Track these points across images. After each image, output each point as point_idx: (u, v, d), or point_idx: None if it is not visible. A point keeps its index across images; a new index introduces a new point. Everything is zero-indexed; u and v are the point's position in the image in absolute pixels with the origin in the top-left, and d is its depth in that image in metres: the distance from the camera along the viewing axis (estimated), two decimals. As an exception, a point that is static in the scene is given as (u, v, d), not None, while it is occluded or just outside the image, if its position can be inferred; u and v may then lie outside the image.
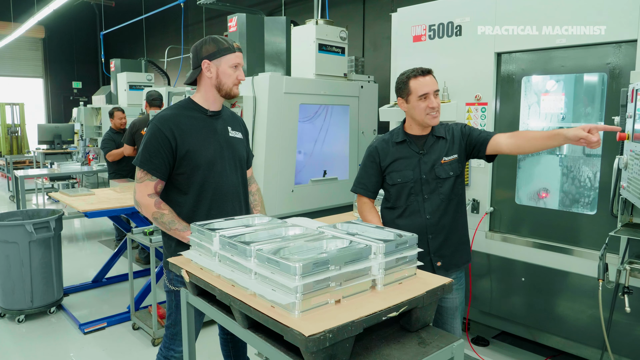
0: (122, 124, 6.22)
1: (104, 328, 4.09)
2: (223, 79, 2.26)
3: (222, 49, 2.23)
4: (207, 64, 2.24)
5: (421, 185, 2.51)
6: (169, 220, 2.20)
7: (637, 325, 2.87)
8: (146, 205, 2.21)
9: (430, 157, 2.52)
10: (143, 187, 2.21)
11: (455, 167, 2.51)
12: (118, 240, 6.45)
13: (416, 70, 2.48)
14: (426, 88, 2.44)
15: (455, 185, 2.53)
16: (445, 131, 2.57)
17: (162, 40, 13.02)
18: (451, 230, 2.55)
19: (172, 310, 2.39)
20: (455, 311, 2.58)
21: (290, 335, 1.36)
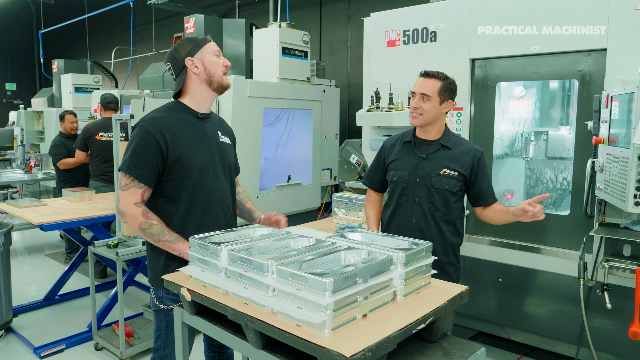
0: (74, 128, 5.84)
1: (62, 350, 3.78)
2: (212, 69, 2.14)
3: (199, 41, 2.15)
4: (191, 61, 2.11)
5: (414, 188, 2.52)
6: (158, 231, 2.03)
7: (612, 320, 2.99)
8: (132, 215, 2.03)
9: (430, 163, 2.51)
10: (129, 195, 2.03)
11: (452, 184, 2.47)
12: (69, 253, 6.04)
13: (425, 70, 2.53)
14: (415, 87, 2.51)
15: (448, 201, 2.49)
16: (453, 143, 2.53)
17: (108, 41, 12.42)
18: (436, 245, 2.42)
19: (161, 332, 2.22)
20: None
21: (327, 356, 1.28)
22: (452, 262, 2.56)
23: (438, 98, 2.45)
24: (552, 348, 3.38)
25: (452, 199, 2.49)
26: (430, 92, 2.44)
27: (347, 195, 3.48)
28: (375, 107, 3.76)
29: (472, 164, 2.48)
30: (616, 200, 2.53)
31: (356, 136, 5.14)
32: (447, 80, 2.49)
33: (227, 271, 1.67)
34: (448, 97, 2.49)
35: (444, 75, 2.50)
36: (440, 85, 2.45)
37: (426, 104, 2.45)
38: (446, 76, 2.50)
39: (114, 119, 3.67)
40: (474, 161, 2.48)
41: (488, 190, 2.52)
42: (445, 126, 2.59)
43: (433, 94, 2.44)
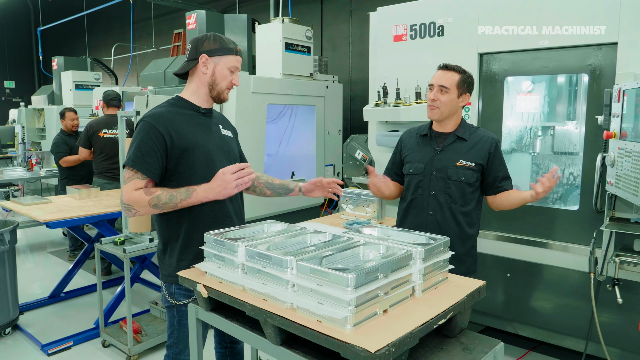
0: (75, 125, 5.81)
1: (70, 347, 3.77)
2: (218, 79, 2.11)
3: (225, 47, 2.09)
4: (205, 59, 2.08)
5: (430, 180, 2.53)
6: (168, 197, 1.96)
7: (621, 315, 2.99)
8: (136, 200, 1.96)
9: (446, 155, 2.51)
10: (130, 186, 1.98)
11: (469, 175, 2.48)
12: (72, 250, 6.02)
13: (444, 63, 2.54)
14: (433, 79, 2.51)
15: (465, 193, 2.49)
16: (470, 134, 2.54)
17: (107, 38, 12.37)
18: (453, 235, 2.42)
19: (174, 328, 2.20)
20: None
21: (351, 352, 1.27)
22: (470, 253, 2.57)
23: (456, 91, 2.46)
24: (559, 343, 3.38)
25: (468, 190, 2.49)
26: (449, 84, 2.44)
27: (354, 191, 3.47)
28: (382, 102, 3.74)
29: (489, 152, 2.49)
30: (628, 194, 2.52)
31: (358, 132, 5.13)
32: (465, 73, 2.49)
33: (244, 267, 1.66)
34: (466, 91, 2.49)
35: (463, 69, 2.50)
36: (459, 78, 2.45)
37: (444, 96, 2.46)
38: (464, 70, 2.50)
39: (120, 116, 3.65)
40: (490, 149, 2.49)
41: (501, 177, 2.51)
42: (461, 119, 2.59)
43: (451, 86, 2.44)
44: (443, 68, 2.50)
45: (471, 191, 2.51)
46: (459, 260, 2.44)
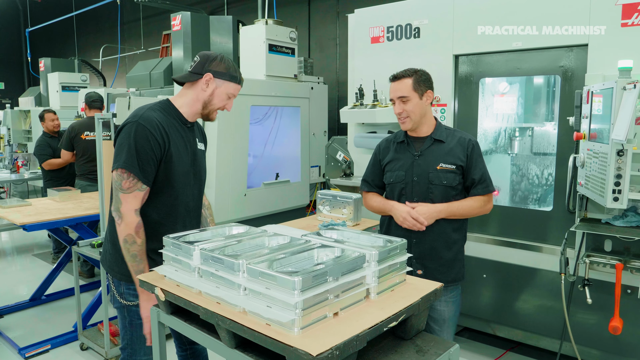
0: (55, 125, 5.78)
1: (47, 351, 3.76)
2: (214, 101, 2.13)
3: (231, 75, 2.13)
4: (209, 77, 2.09)
5: (412, 187, 2.47)
6: (133, 253, 1.98)
7: (594, 315, 3.01)
8: (128, 223, 1.97)
9: (425, 159, 2.46)
10: (132, 199, 1.97)
11: (451, 178, 2.41)
12: (56, 253, 6.00)
13: (392, 74, 2.47)
14: (390, 94, 2.47)
15: (448, 196, 2.42)
16: (447, 135, 2.48)
17: (96, 39, 12.31)
18: (438, 242, 2.45)
19: (126, 329, 2.19)
20: (443, 324, 2.51)
21: (294, 355, 1.27)
22: (458, 258, 2.51)
23: (416, 94, 2.40)
24: (536, 343, 3.39)
25: (452, 193, 2.43)
26: (406, 91, 2.39)
27: (331, 192, 3.47)
28: (359, 104, 3.75)
29: (466, 154, 2.44)
30: (596, 195, 2.54)
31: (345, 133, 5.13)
32: (416, 73, 2.42)
33: (199, 270, 1.66)
34: (425, 88, 2.43)
35: (412, 70, 2.43)
36: (412, 81, 2.39)
37: (408, 105, 2.41)
38: (414, 70, 2.43)
39: (97, 118, 3.63)
40: (467, 151, 2.44)
41: (477, 180, 2.43)
42: (435, 120, 2.54)
43: (409, 92, 2.39)
44: (393, 80, 2.46)
45: (454, 194, 2.44)
46: (447, 265, 2.48)
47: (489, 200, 2.47)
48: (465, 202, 2.43)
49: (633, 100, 2.17)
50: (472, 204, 2.43)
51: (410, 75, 2.41)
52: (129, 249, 1.99)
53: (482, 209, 2.46)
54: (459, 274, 2.54)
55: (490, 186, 2.45)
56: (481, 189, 2.43)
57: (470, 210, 2.43)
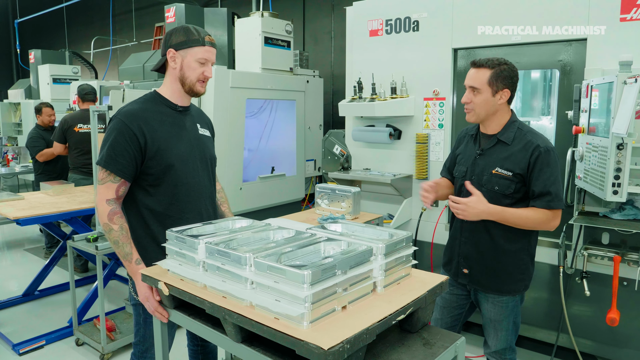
0: (51, 120, 5.72)
1: (42, 347, 3.72)
2: (186, 72, 2.07)
3: (191, 39, 2.04)
4: (172, 53, 2.05)
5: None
6: (114, 239, 1.98)
7: (590, 307, 3.03)
8: (100, 212, 2.00)
9: (485, 159, 2.29)
10: (104, 189, 1.99)
11: (504, 185, 2.21)
12: (49, 248, 5.93)
13: (473, 60, 2.29)
14: (465, 80, 2.28)
15: (502, 204, 2.20)
16: (515, 137, 2.24)
17: (87, 31, 12.15)
18: (485, 247, 2.31)
19: (140, 326, 2.18)
20: (489, 323, 2.41)
21: (305, 349, 1.27)
22: (509, 271, 2.29)
23: (489, 89, 2.19)
24: (533, 335, 3.42)
25: (505, 202, 2.21)
26: (479, 84, 2.20)
27: (330, 186, 3.46)
28: (357, 97, 3.74)
29: (528, 161, 2.17)
30: (595, 189, 2.55)
31: (340, 127, 5.13)
32: (499, 67, 2.19)
33: (205, 264, 1.65)
34: (502, 86, 2.20)
35: (496, 61, 2.20)
36: (490, 75, 2.18)
37: (477, 97, 2.22)
38: (498, 62, 2.20)
39: (92, 111, 3.59)
40: (531, 158, 2.16)
41: (537, 192, 2.16)
42: (510, 118, 2.29)
43: (482, 85, 2.19)
44: (473, 65, 2.25)
45: (508, 203, 2.21)
46: (491, 274, 2.31)
47: (553, 217, 2.18)
48: (524, 212, 2.18)
49: (634, 94, 2.17)
50: (530, 215, 2.17)
51: (491, 66, 2.19)
52: (109, 237, 2.00)
53: (542, 225, 2.19)
54: (507, 287, 2.31)
55: (555, 202, 2.15)
56: (539, 203, 2.16)
57: (527, 221, 2.17)
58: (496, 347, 2.42)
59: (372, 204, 3.90)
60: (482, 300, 2.41)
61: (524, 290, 2.34)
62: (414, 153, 3.61)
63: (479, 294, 2.41)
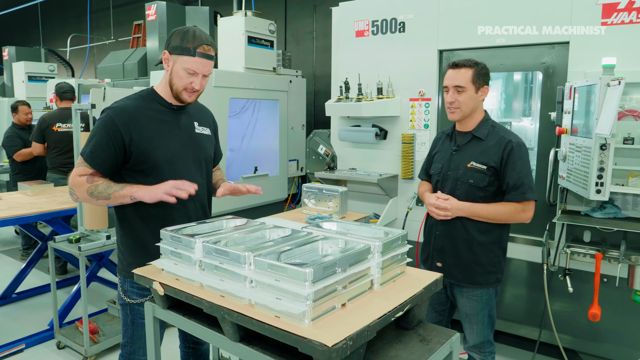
0: (28, 119, 5.58)
1: (22, 350, 3.62)
2: (174, 79, 2.01)
3: (183, 47, 1.95)
4: (166, 55, 2.01)
5: (445, 181, 2.45)
6: (104, 187, 1.92)
7: (572, 303, 3.11)
8: (78, 184, 1.93)
9: (460, 155, 2.41)
10: (76, 171, 1.97)
11: (479, 178, 2.32)
12: (25, 249, 5.78)
13: (453, 61, 2.40)
14: (446, 81, 2.38)
15: (474, 196, 2.33)
16: (489, 133, 2.37)
17: (63, 28, 11.87)
18: (458, 240, 2.39)
19: (127, 326, 2.15)
20: (465, 318, 2.49)
21: (308, 346, 1.27)
22: (481, 263, 2.38)
23: (473, 87, 2.31)
24: (515, 331, 3.49)
25: (479, 194, 2.33)
26: (464, 82, 2.30)
27: (316, 185, 3.47)
28: (344, 98, 3.76)
29: (502, 155, 2.29)
30: (579, 188, 2.62)
31: (323, 127, 5.14)
32: (478, 65, 2.33)
33: (201, 263, 1.64)
34: (483, 83, 2.34)
35: (473, 61, 2.34)
36: (472, 73, 2.30)
37: (462, 96, 2.32)
38: (476, 61, 2.34)
39: (74, 109, 3.52)
40: (504, 153, 2.29)
41: (511, 184, 2.27)
42: (484, 116, 2.44)
43: (467, 83, 2.30)
44: (453, 67, 2.35)
45: (482, 196, 2.33)
46: (465, 266, 2.40)
47: (524, 209, 2.29)
48: (493, 206, 2.30)
49: (617, 96, 2.25)
50: (500, 210, 2.29)
51: (471, 65, 2.32)
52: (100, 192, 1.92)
53: (513, 217, 2.30)
54: (480, 279, 2.40)
55: (528, 193, 2.27)
56: (514, 195, 2.27)
57: (497, 215, 2.29)
58: (474, 342, 2.50)
59: (359, 203, 3.92)
60: (457, 295, 2.48)
61: (496, 283, 2.43)
62: (400, 153, 3.65)
63: (455, 289, 2.49)
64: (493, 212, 2.30)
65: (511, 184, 2.28)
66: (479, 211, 2.30)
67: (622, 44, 2.79)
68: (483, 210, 2.30)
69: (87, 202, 2.01)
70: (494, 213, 2.30)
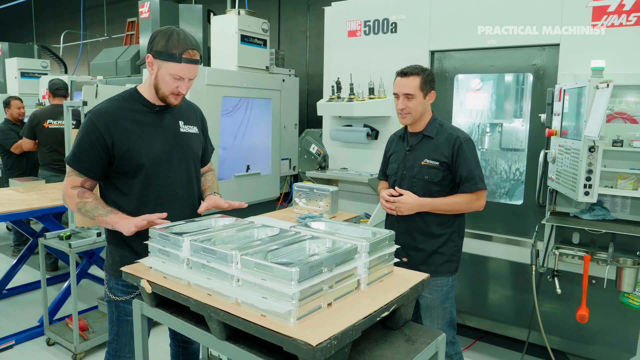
0: (21, 114, 5.55)
1: (11, 347, 3.61)
2: (160, 84, 2.01)
3: (169, 53, 1.93)
4: (150, 59, 1.99)
5: (401, 180, 2.57)
6: (91, 208, 1.96)
7: (561, 305, 3.14)
8: (69, 196, 2.00)
9: (414, 154, 2.55)
10: (68, 181, 2.01)
11: (433, 173, 2.47)
12: (17, 246, 5.76)
13: (401, 69, 2.51)
14: (395, 88, 2.51)
15: (431, 191, 2.48)
16: (437, 132, 2.52)
17: (56, 24, 11.81)
18: (419, 234, 2.53)
19: (113, 323, 2.15)
20: (426, 310, 2.58)
21: (293, 345, 1.28)
22: (441, 252, 2.53)
23: (421, 93, 2.46)
24: (504, 332, 3.51)
25: (434, 189, 2.48)
26: (412, 90, 2.44)
27: (307, 185, 3.48)
28: (336, 97, 3.76)
29: (452, 150, 2.46)
30: (567, 190, 2.64)
31: (315, 126, 5.15)
32: (424, 72, 2.47)
33: (189, 262, 1.64)
34: (430, 89, 2.49)
35: (420, 68, 2.48)
36: (420, 80, 2.44)
37: (412, 102, 2.46)
38: (422, 68, 2.48)
39: (65, 106, 3.51)
40: (453, 148, 2.46)
41: (464, 177, 2.44)
42: (432, 116, 2.57)
43: (415, 91, 2.44)
44: (402, 75, 2.48)
45: (438, 190, 2.49)
46: (427, 257, 2.53)
47: (477, 198, 2.48)
48: (450, 199, 2.46)
49: (606, 98, 2.26)
50: (457, 201, 2.46)
51: (418, 73, 2.45)
52: (86, 210, 1.97)
53: (469, 206, 2.48)
54: (442, 269, 2.53)
55: (480, 184, 2.45)
56: (468, 187, 2.45)
57: (455, 206, 2.46)
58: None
59: (349, 203, 3.93)
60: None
61: (455, 271, 2.59)
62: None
63: None
64: (451, 203, 2.46)
65: (464, 177, 2.45)
66: (439, 205, 2.46)
67: (613, 46, 2.82)
68: (442, 203, 2.46)
69: (76, 213, 2.07)
70: (452, 205, 2.46)
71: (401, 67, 2.50)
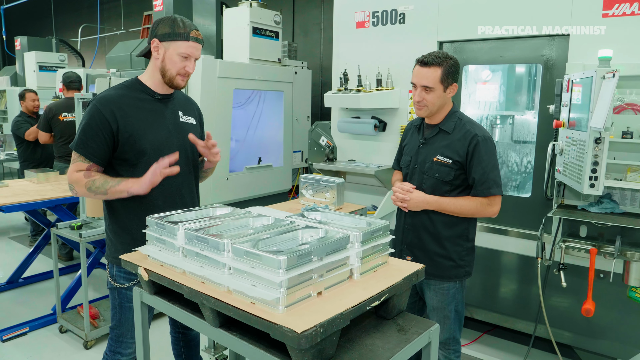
0: (35, 106, 5.67)
1: (25, 334, 3.71)
2: (167, 65, 2.07)
3: (176, 33, 2.02)
4: (156, 43, 2.06)
5: (413, 174, 2.41)
6: (101, 183, 1.99)
7: (568, 298, 3.10)
8: (76, 180, 2.01)
9: (427, 148, 2.36)
10: (73, 167, 2.04)
11: (445, 172, 2.28)
12: (34, 235, 5.90)
13: (419, 57, 2.28)
14: (413, 78, 2.30)
15: (440, 190, 2.30)
16: (455, 127, 2.30)
17: (74, 18, 12.00)
18: (425, 234, 2.38)
19: (115, 310, 2.21)
20: (432, 311, 2.45)
21: (279, 332, 1.29)
22: (449, 256, 2.35)
23: (441, 86, 2.22)
24: (512, 326, 3.48)
25: (445, 188, 2.30)
26: (432, 82, 2.20)
27: (314, 176, 3.48)
28: (343, 89, 3.76)
29: (467, 149, 2.24)
30: (573, 182, 2.60)
31: (328, 118, 5.15)
32: (446, 63, 2.21)
33: (184, 250, 1.66)
34: (452, 81, 2.25)
35: (443, 56, 2.22)
36: (442, 72, 2.20)
37: (430, 95, 2.24)
38: (445, 57, 2.22)
39: (77, 98, 3.57)
40: (469, 147, 2.23)
41: (476, 179, 2.23)
42: (452, 108, 2.36)
43: (435, 83, 2.21)
44: (422, 64, 2.23)
45: (448, 189, 2.30)
46: (433, 259, 2.36)
47: (489, 204, 2.26)
48: (459, 200, 2.28)
49: (611, 89, 2.21)
50: (466, 204, 2.26)
51: (440, 63, 2.20)
52: (97, 187, 1.99)
53: (479, 211, 2.27)
54: (450, 273, 2.37)
55: (493, 189, 2.23)
56: (480, 191, 2.24)
57: (463, 209, 2.26)
58: (440, 338, 2.43)
59: (357, 195, 3.93)
60: (425, 288, 2.46)
61: (465, 276, 2.41)
62: (399, 145, 3.63)
63: (422, 282, 2.44)
64: (460, 206, 2.27)
65: (477, 179, 2.24)
66: (446, 205, 2.28)
67: (623, 36, 2.75)
68: (450, 204, 2.28)
69: (86, 196, 2.10)
70: (460, 207, 2.27)
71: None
